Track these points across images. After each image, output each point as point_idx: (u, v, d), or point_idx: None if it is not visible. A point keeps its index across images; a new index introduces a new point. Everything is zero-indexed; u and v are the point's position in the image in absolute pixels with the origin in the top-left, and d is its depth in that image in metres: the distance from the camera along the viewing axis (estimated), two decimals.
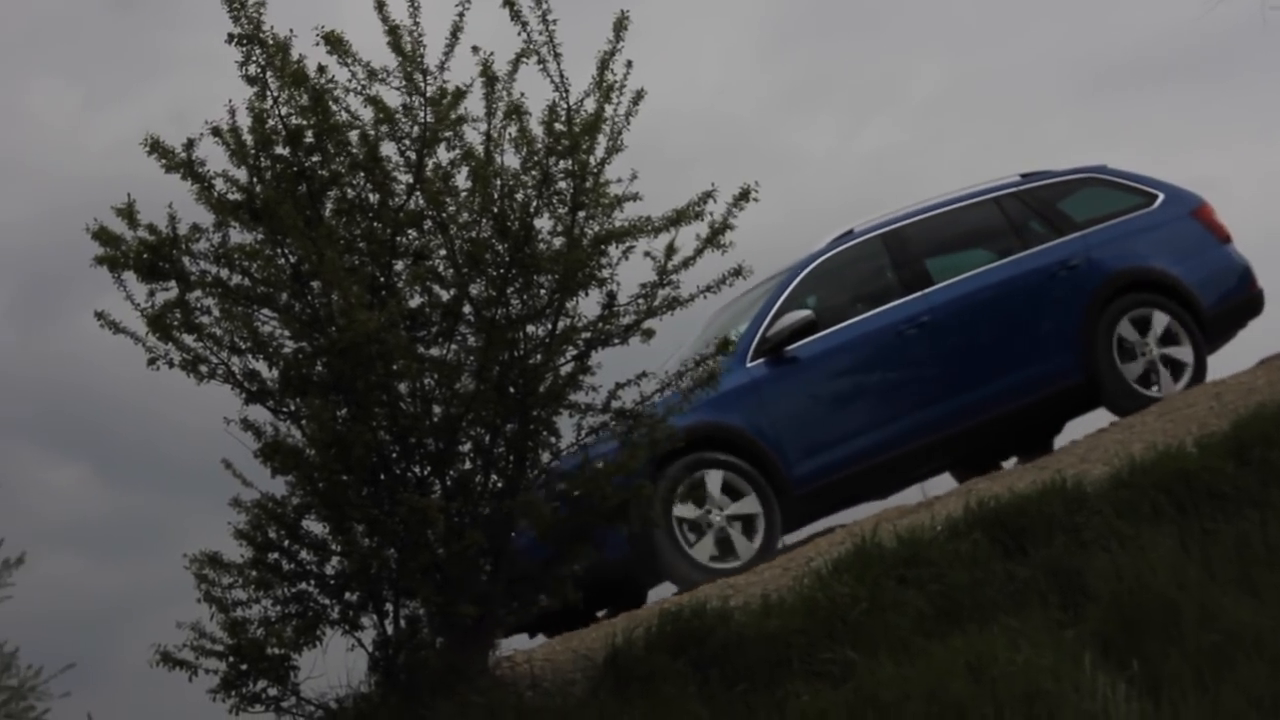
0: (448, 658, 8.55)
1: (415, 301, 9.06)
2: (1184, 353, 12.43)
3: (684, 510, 11.02)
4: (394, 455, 8.84)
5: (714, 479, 11.17)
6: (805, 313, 11.95)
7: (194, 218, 8.95)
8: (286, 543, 8.80)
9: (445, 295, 9.06)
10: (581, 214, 8.94)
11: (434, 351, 9.03)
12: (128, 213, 8.92)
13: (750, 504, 11.21)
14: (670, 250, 9.10)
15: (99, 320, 8.88)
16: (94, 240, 8.90)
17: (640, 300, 9.23)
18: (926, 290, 12.29)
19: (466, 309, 9.02)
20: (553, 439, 9.11)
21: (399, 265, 9.03)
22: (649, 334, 9.37)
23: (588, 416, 9.23)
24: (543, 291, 8.97)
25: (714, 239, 9.09)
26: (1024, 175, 13.20)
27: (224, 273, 8.98)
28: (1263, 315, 13.14)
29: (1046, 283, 12.47)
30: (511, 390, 8.94)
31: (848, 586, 8.72)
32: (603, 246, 8.96)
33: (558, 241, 8.94)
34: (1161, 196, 13.05)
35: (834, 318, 12.14)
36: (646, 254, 9.08)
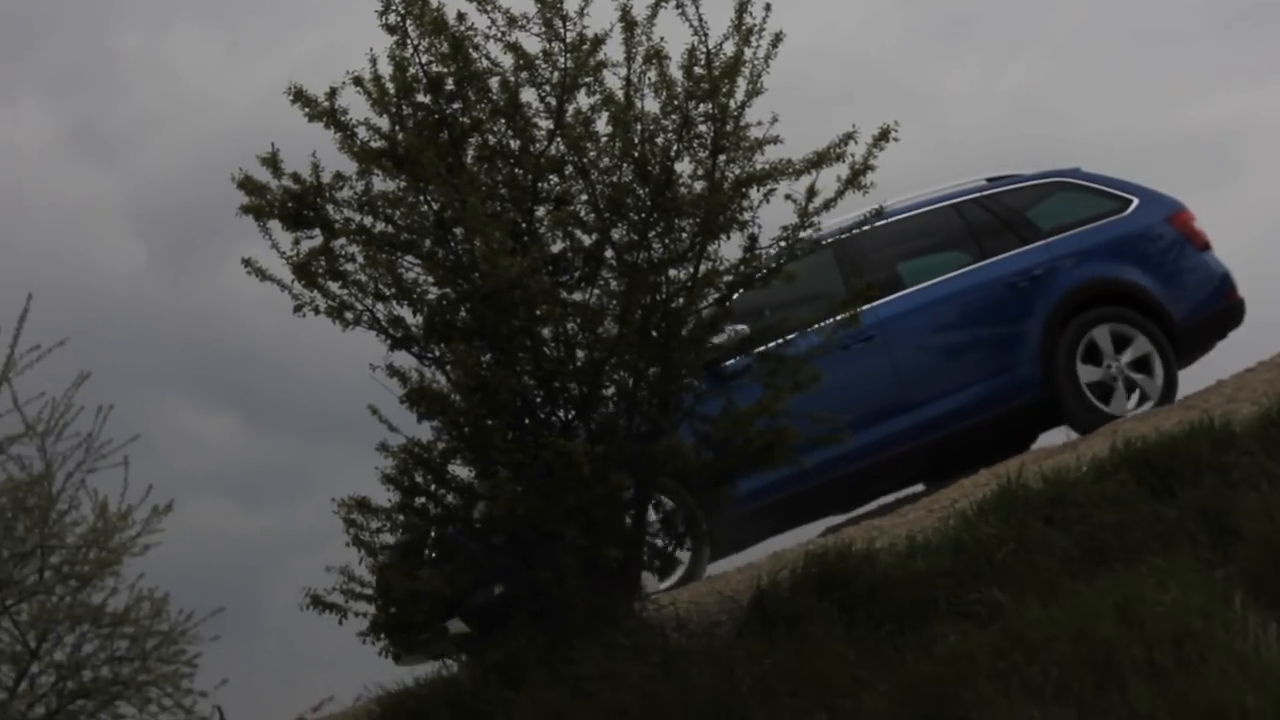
0: (593, 600, 8.60)
1: (557, 247, 9.09)
2: (1153, 368, 11.81)
3: None
4: (538, 400, 8.89)
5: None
6: (741, 328, 10.78)
7: (337, 166, 9.04)
8: (433, 487, 8.88)
9: (587, 240, 9.09)
10: (722, 157, 8.92)
11: (576, 296, 9.05)
12: (272, 162, 9.01)
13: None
14: (811, 192, 9.08)
15: (246, 268, 8.99)
16: (239, 190, 8.99)
17: (781, 243, 9.22)
18: (875, 303, 11.25)
19: (608, 253, 9.04)
20: (695, 382, 9.13)
21: (540, 211, 9.06)
22: (791, 276, 9.36)
23: (730, 359, 9.25)
24: (684, 235, 8.97)
25: (854, 180, 9.05)
26: (990, 180, 12.59)
27: (367, 220, 9.06)
28: None
29: (1006, 294, 11.88)
30: (654, 334, 8.96)
31: (994, 528, 8.68)
32: (743, 189, 8.95)
33: (699, 185, 8.94)
34: (1135, 202, 12.39)
35: (779, 330, 11.16)
36: (787, 196, 9.07)
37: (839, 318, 9.49)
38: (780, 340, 9.53)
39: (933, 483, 12.17)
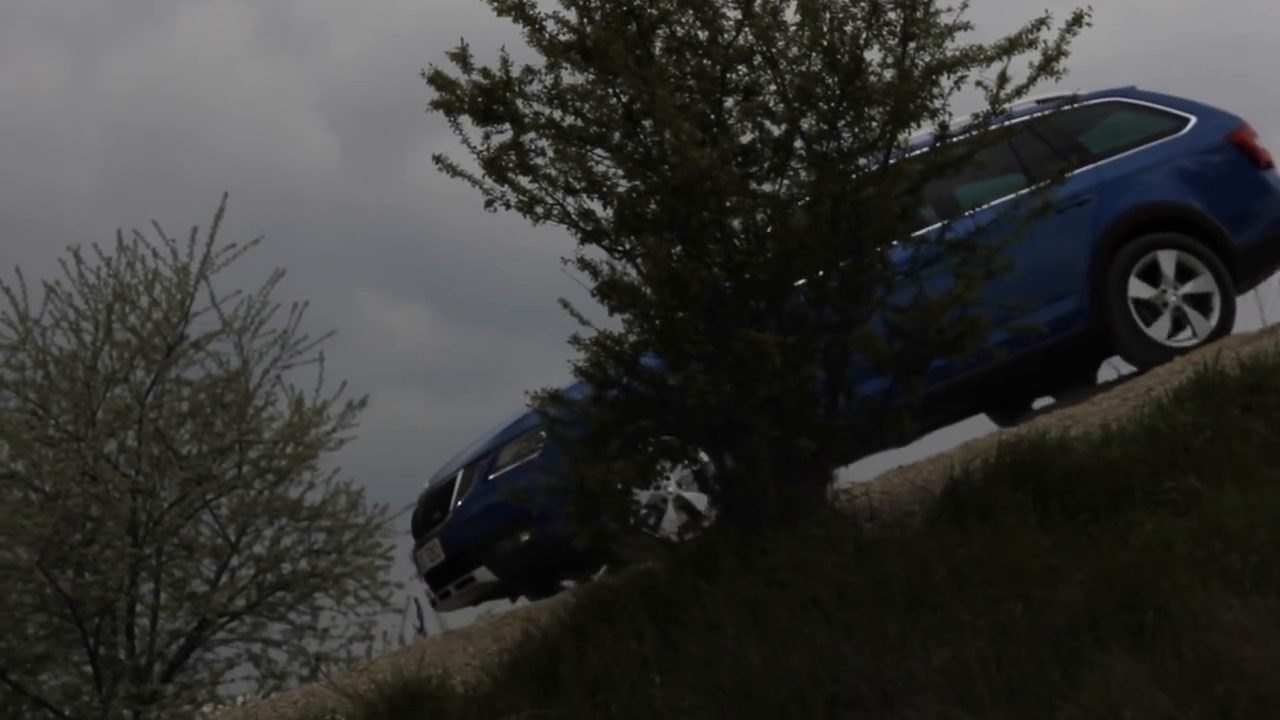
0: (786, 491, 8.62)
1: (746, 138, 9.06)
2: (1206, 285, 11.42)
3: None
4: (728, 292, 8.89)
5: None
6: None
7: (526, 60, 9.06)
8: (625, 379, 8.93)
9: (776, 131, 9.04)
10: (912, 45, 8.83)
11: (766, 187, 9.03)
12: (461, 57, 9.04)
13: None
14: (1002, 79, 8.97)
15: (437, 164, 9.05)
16: (430, 85, 9.05)
17: (973, 131, 9.12)
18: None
19: (798, 144, 9.00)
20: (886, 272, 9.09)
21: (729, 102, 9.03)
22: (982, 165, 9.27)
23: (921, 248, 9.20)
24: (874, 124, 8.91)
25: (1047, 67, 8.93)
26: (1039, 102, 11.68)
27: (557, 114, 9.08)
28: None
29: (1052, 221, 10.98)
30: (844, 224, 8.92)
31: (1190, 415, 8.59)
32: (934, 77, 8.86)
33: (888, 73, 8.86)
34: (1193, 120, 11.91)
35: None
36: (978, 84, 8.96)
37: (1034, 206, 9.36)
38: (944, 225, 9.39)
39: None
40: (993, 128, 9.16)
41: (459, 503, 11.32)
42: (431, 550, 11.53)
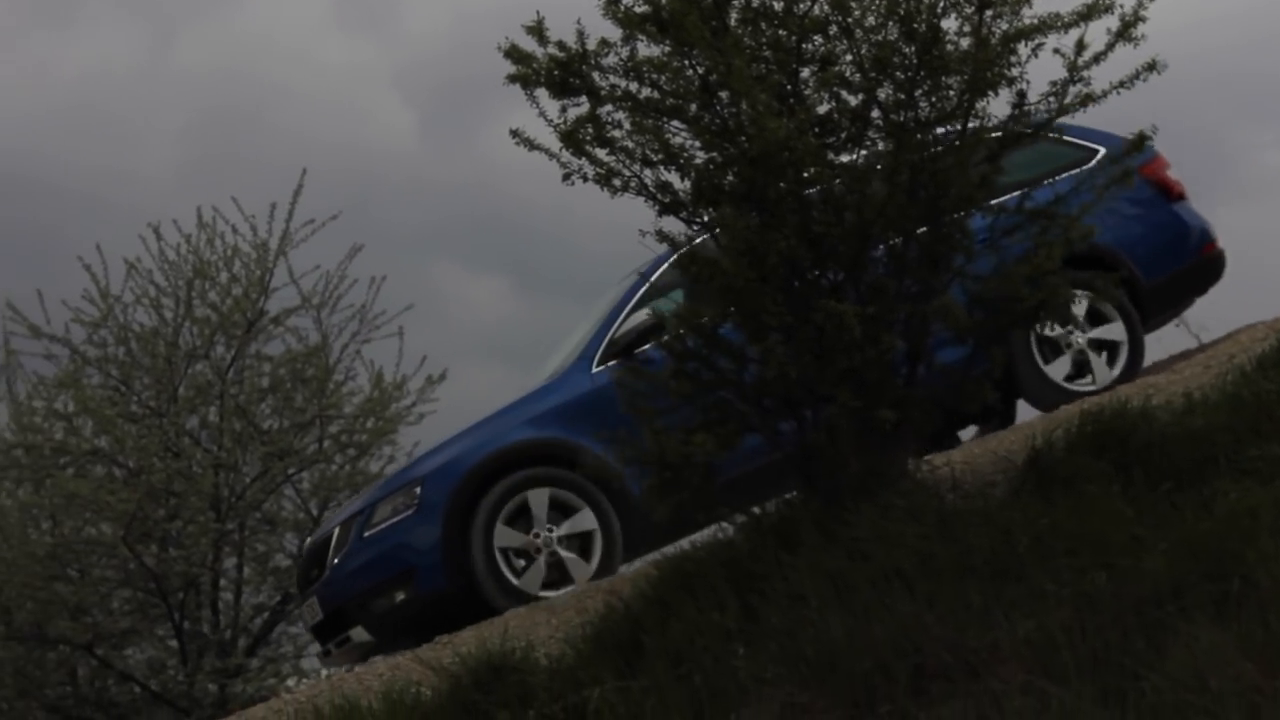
0: (867, 462, 8.61)
1: (823, 108, 9.02)
2: (1115, 331, 11.11)
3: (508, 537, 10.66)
4: (807, 262, 8.87)
5: (538, 498, 10.75)
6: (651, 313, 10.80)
7: (601, 33, 9.06)
8: (705, 351, 8.94)
9: (853, 101, 9.00)
10: (989, 13, 8.78)
11: (843, 158, 9.00)
12: (537, 30, 9.04)
13: (586, 520, 10.75)
14: (1080, 46, 8.91)
15: (514, 138, 9.06)
16: (506, 59, 9.06)
17: (1050, 99, 9.07)
18: None
19: (875, 114, 8.96)
20: (965, 241, 9.05)
21: (806, 72, 9.00)
22: (1060, 132, 9.21)
23: (1000, 217, 9.17)
24: (951, 93, 8.87)
25: (1125, 33, 8.86)
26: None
27: (633, 86, 9.07)
28: None
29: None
30: (922, 194, 8.90)
31: (1274, 382, 8.53)
32: (1011, 45, 8.80)
33: (965, 42, 8.82)
34: (1101, 152, 11.20)
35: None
36: (1056, 51, 8.91)
37: (1113, 173, 9.30)
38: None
39: None
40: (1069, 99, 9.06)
41: (334, 560, 11.11)
42: (311, 608, 11.37)
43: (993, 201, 9.18)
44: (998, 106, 9.00)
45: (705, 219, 9.03)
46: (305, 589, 11.54)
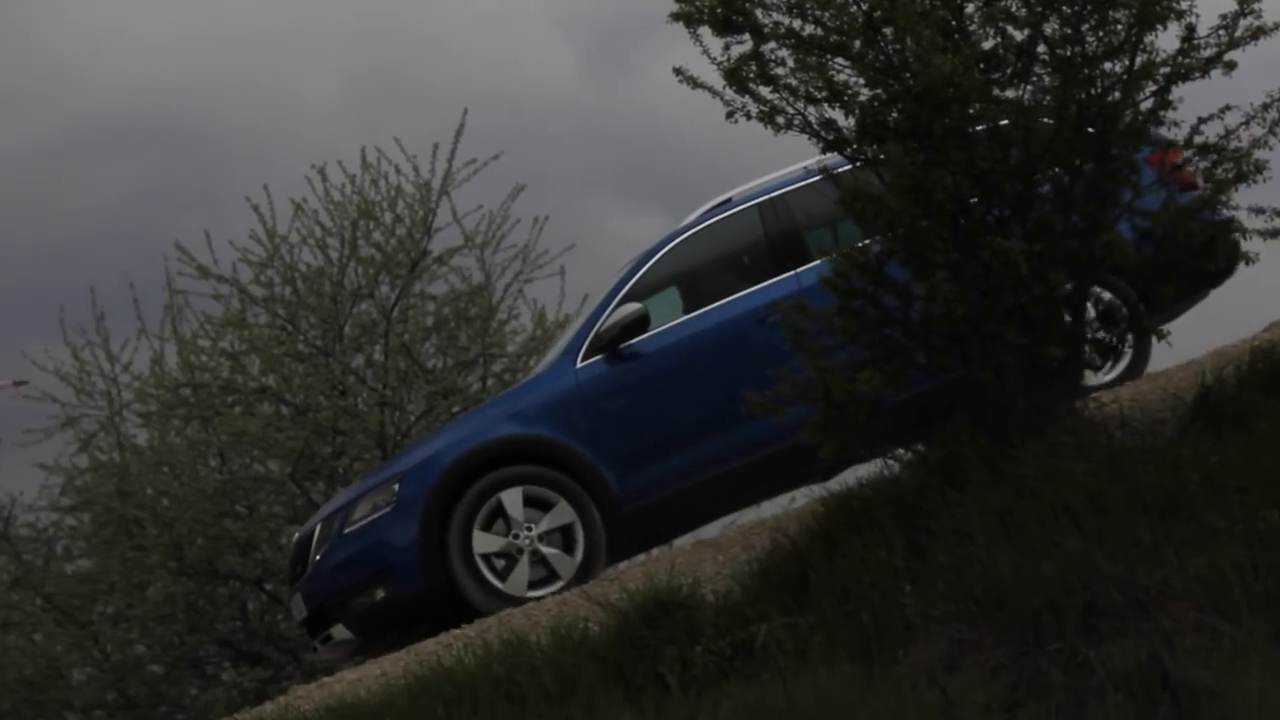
0: (1034, 399, 8.57)
1: (988, 43, 8.94)
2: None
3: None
4: (973, 199, 8.82)
5: (512, 498, 10.52)
6: (636, 306, 10.83)
7: None
8: (871, 289, 8.92)
9: (1019, 35, 8.92)
10: None
11: (1009, 93, 8.93)
12: None
13: (564, 513, 10.53)
14: None
15: (677, 76, 9.06)
16: None
17: (1221, 31, 8.94)
18: (800, 269, 10.87)
19: (1041, 49, 8.88)
20: (1134, 176, 8.96)
21: (970, 7, 8.92)
22: (1230, 66, 9.06)
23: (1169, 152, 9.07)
24: (1119, 27, 8.76)
25: None
26: None
27: (796, 23, 9.03)
28: None
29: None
30: (1090, 129, 8.81)
31: None
32: None
33: None
34: None
35: (695, 304, 11.06)
36: None
37: None
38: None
39: None
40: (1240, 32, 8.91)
41: (316, 557, 10.97)
42: (297, 603, 11.31)
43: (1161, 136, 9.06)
44: (1166, 40, 8.89)
45: (870, 156, 8.99)
46: (293, 583, 11.45)
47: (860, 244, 9.03)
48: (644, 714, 7.51)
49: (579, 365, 10.89)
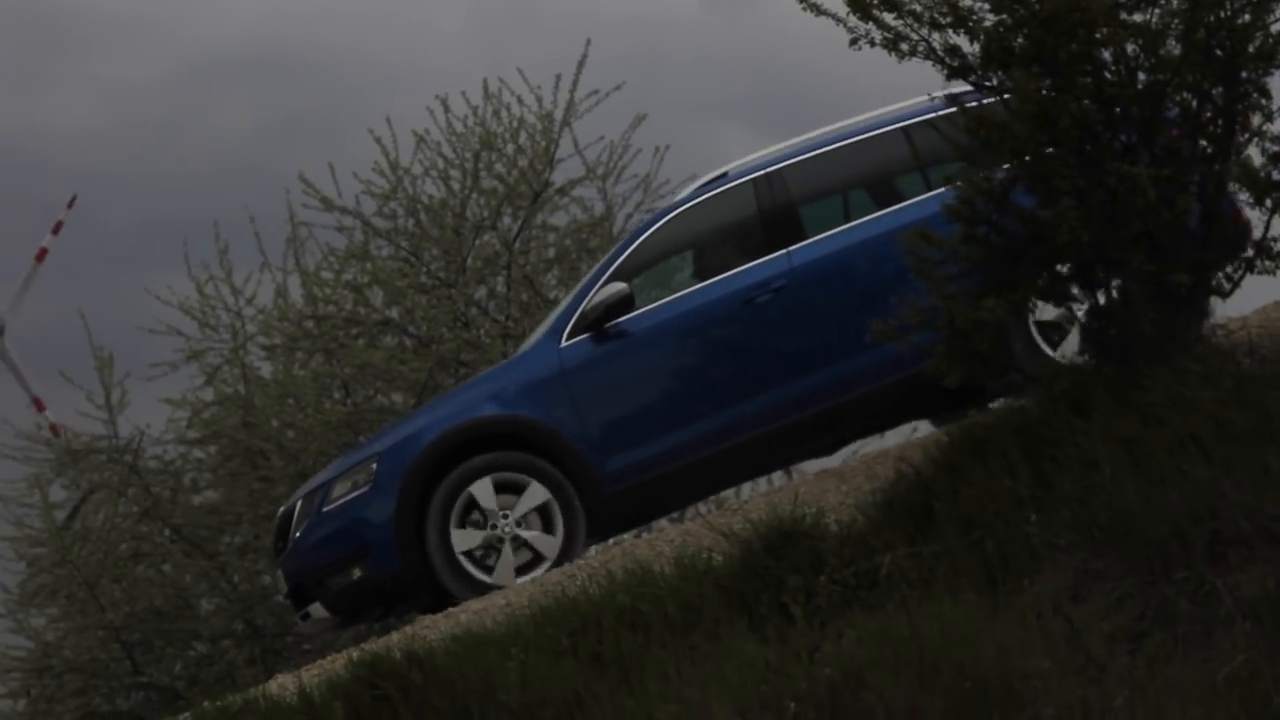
0: (1162, 326, 8.49)
1: None
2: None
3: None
4: (1099, 125, 8.72)
5: (483, 489, 10.28)
6: (620, 286, 10.59)
7: None
8: (995, 216, 8.85)
9: None
10: None
11: (1136, 17, 8.81)
12: None
13: (537, 493, 10.31)
14: None
15: (801, 4, 9.00)
16: None
17: None
18: (791, 248, 10.71)
19: None
20: (1264, 100, 8.83)
21: None
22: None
23: None
24: None
25: None
26: (950, 96, 10.54)
27: None
28: None
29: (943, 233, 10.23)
30: (1218, 53, 8.69)
31: None
32: None
33: None
34: None
35: (684, 282, 10.89)
36: None
37: None
38: None
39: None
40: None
41: (296, 534, 10.82)
42: (280, 579, 11.27)
43: None
44: None
45: (995, 82, 8.91)
46: (275, 558, 11.41)
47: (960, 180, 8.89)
48: (768, 644, 7.52)
49: (563, 345, 10.69)
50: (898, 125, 11.02)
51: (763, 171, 10.98)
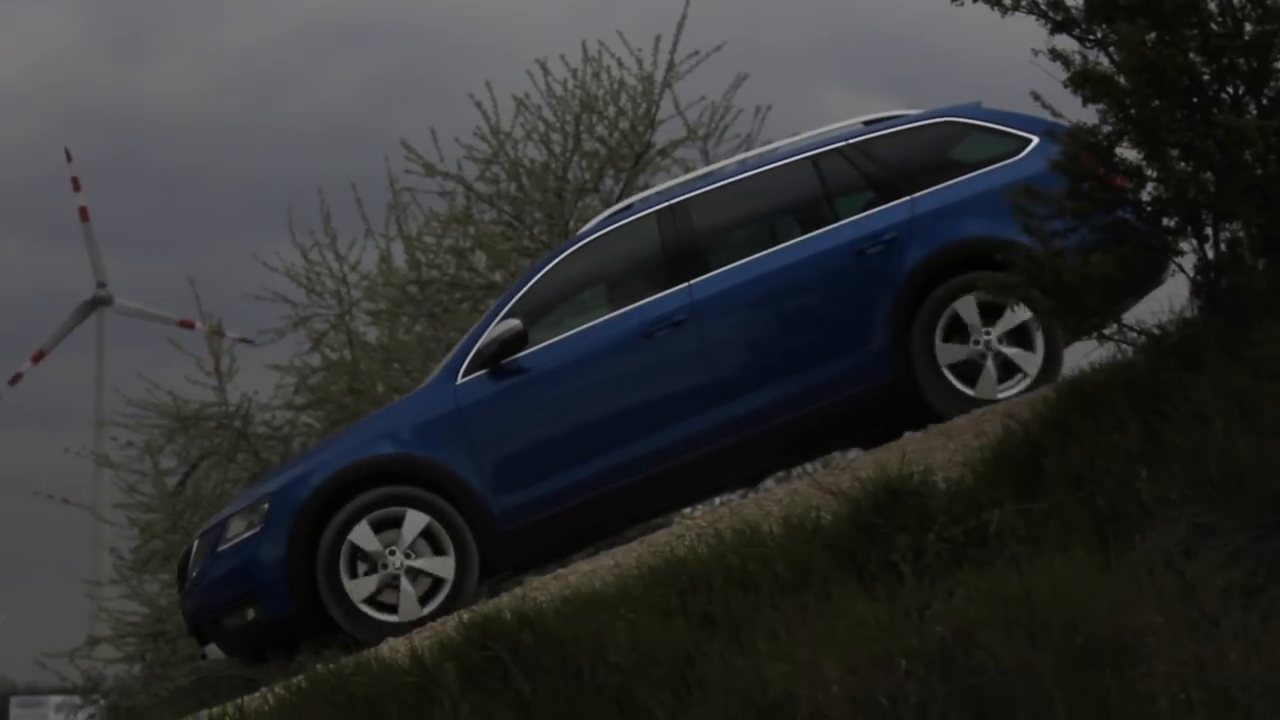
0: (1271, 279, 8.41)
1: None
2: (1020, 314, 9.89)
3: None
4: (1206, 77, 8.64)
5: (362, 534, 10.00)
6: (513, 323, 10.30)
7: None
8: (1101, 170, 8.79)
9: None
10: None
11: None
12: None
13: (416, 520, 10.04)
14: None
15: None
16: None
17: None
18: (693, 281, 10.38)
19: None
20: None
21: None
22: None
23: None
24: None
25: None
26: (866, 123, 10.77)
27: None
28: None
29: (848, 264, 10.28)
30: None
31: None
32: None
33: None
34: (1034, 142, 10.26)
35: (582, 318, 10.56)
36: None
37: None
38: None
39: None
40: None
41: (193, 573, 10.62)
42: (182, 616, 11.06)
43: None
44: None
45: (1099, 35, 8.84)
46: (180, 594, 11.21)
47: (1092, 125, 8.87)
48: (878, 602, 7.52)
49: (458, 382, 10.44)
50: (805, 155, 10.79)
51: (667, 204, 10.73)
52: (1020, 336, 10.03)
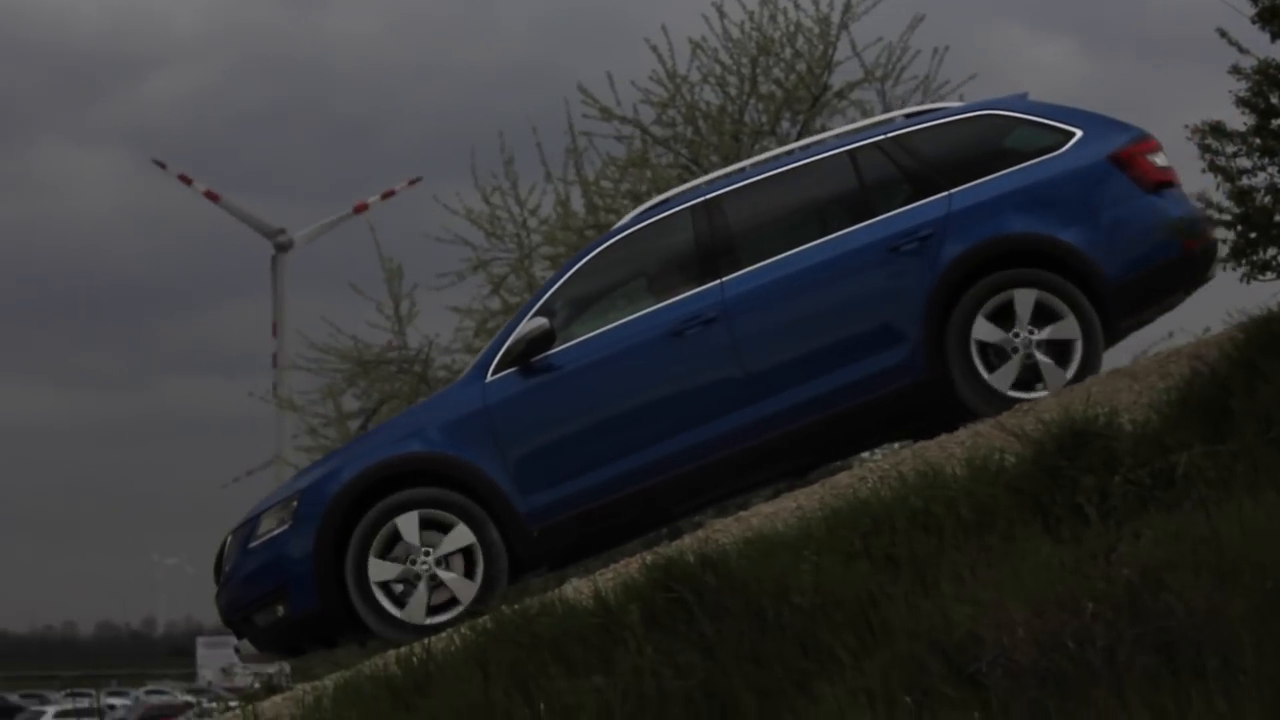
0: None
1: None
2: (1068, 329, 9.77)
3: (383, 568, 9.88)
4: None
5: (408, 523, 9.91)
6: (541, 321, 10.17)
7: None
8: None
9: None
10: None
11: None
12: None
13: (462, 535, 9.90)
14: None
15: None
16: None
17: None
18: (724, 279, 10.22)
19: None
20: None
21: None
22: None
23: None
24: None
25: None
26: (908, 116, 10.46)
27: None
28: None
29: (883, 260, 10.09)
30: None
31: None
32: None
33: None
34: (1078, 135, 10.14)
35: (613, 314, 10.37)
36: None
37: None
38: None
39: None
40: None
41: (226, 569, 10.60)
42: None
43: None
44: None
45: None
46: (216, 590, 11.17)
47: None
48: (1063, 544, 7.48)
49: (488, 380, 10.33)
50: (842, 150, 10.63)
51: (701, 199, 10.61)
52: (1060, 351, 9.84)
